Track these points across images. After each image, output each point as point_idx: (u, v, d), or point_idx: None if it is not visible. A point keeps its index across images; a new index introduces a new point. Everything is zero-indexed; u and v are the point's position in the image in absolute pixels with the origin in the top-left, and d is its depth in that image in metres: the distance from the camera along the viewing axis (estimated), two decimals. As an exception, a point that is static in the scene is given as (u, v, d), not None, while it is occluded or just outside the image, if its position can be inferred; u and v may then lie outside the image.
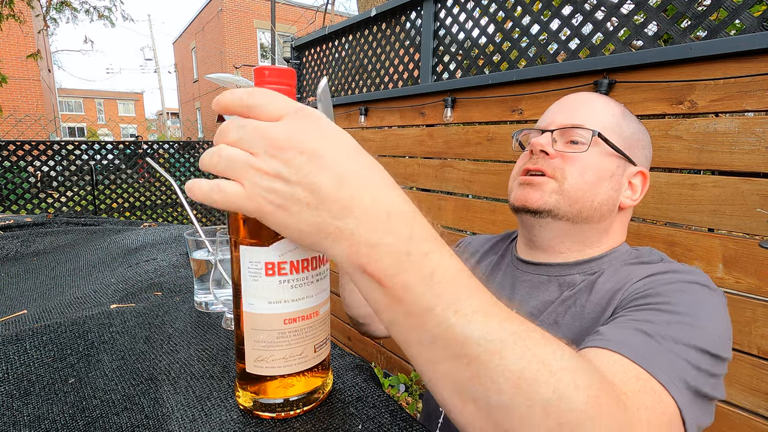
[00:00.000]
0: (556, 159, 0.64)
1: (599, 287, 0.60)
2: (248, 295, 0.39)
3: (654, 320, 0.47)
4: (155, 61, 23.25)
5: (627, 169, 0.65)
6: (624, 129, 0.65)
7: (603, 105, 0.66)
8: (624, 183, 0.65)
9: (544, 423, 0.28)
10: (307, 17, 9.26)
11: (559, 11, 1.36)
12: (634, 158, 0.65)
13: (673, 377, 0.42)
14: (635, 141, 0.66)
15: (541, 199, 0.63)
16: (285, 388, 0.41)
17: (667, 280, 0.54)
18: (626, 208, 0.66)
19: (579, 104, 0.66)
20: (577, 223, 0.64)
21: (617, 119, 0.65)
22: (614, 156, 0.64)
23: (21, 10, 6.10)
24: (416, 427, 0.42)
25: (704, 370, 0.45)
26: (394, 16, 2.02)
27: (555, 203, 0.63)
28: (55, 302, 0.74)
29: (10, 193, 4.56)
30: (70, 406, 0.44)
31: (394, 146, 2.04)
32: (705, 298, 0.52)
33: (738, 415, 0.99)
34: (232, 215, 0.39)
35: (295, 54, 2.82)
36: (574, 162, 0.63)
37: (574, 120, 0.64)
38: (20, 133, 9.05)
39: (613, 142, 0.63)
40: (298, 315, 0.41)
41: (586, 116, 0.64)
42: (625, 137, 0.65)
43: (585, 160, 0.63)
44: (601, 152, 0.63)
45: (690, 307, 0.49)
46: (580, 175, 0.62)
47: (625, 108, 0.68)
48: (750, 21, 0.97)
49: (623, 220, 0.68)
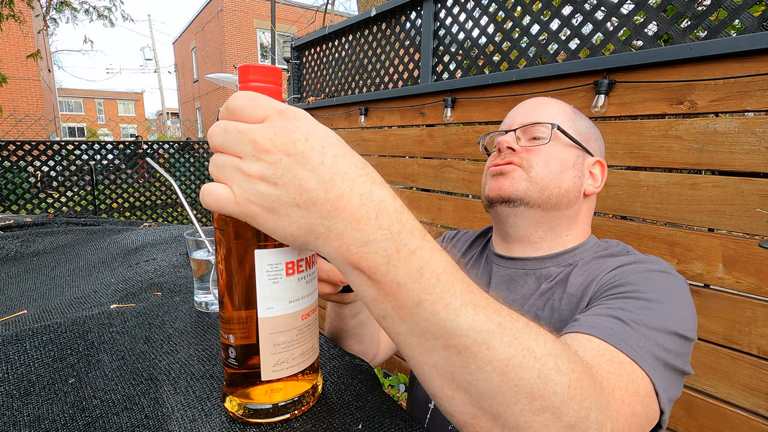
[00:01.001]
0: (522, 152, 0.69)
1: (573, 280, 0.64)
2: (267, 300, 0.38)
3: (626, 307, 0.51)
4: (155, 61, 23.24)
5: (586, 159, 0.72)
6: (577, 124, 0.72)
7: (556, 105, 0.73)
8: (585, 172, 0.71)
9: (530, 406, 0.29)
10: (307, 17, 9.26)
11: (559, 11, 1.36)
12: (591, 149, 0.72)
13: (645, 356, 0.45)
14: (588, 135, 0.73)
15: (512, 185, 0.68)
16: (275, 393, 0.41)
17: (635, 270, 0.58)
18: (590, 195, 0.72)
19: (535, 106, 0.73)
20: (547, 209, 0.68)
21: (570, 116, 0.72)
22: (573, 147, 0.70)
23: (21, 10, 6.10)
24: (416, 427, 0.42)
25: (673, 349, 0.49)
26: (394, 16, 2.02)
27: (525, 189, 0.67)
28: (55, 302, 0.74)
29: (10, 193, 4.56)
30: (70, 406, 0.44)
31: (394, 146, 2.04)
32: (670, 284, 0.57)
33: (738, 415, 0.99)
34: (242, 224, 0.37)
35: (295, 54, 2.82)
36: (538, 153, 0.68)
37: (534, 119, 0.71)
38: (20, 133, 9.04)
39: (572, 135, 0.70)
40: (311, 309, 0.42)
41: (543, 114, 0.71)
42: (580, 131, 0.72)
43: (548, 151, 0.68)
44: (561, 144, 0.69)
45: (657, 293, 0.53)
46: (545, 164, 0.68)
47: (576, 108, 0.75)
48: (750, 21, 0.97)
49: (589, 209, 0.74)
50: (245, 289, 0.38)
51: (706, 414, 1.04)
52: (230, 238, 0.38)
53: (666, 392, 0.46)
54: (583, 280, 0.62)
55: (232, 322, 0.40)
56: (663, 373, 0.46)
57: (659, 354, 0.47)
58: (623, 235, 1.18)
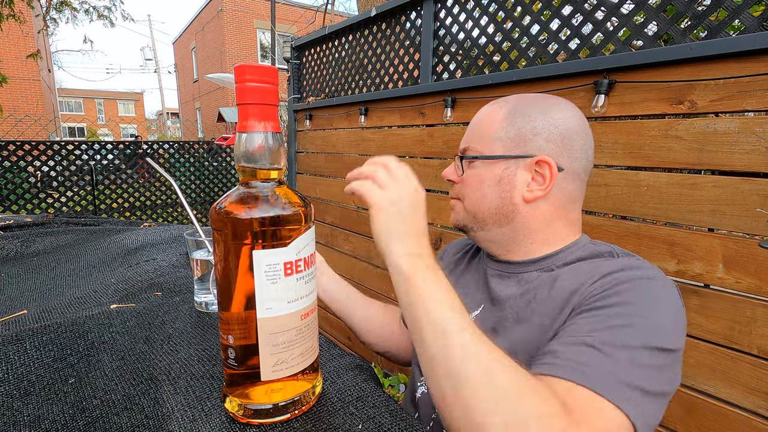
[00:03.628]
0: (459, 183, 0.74)
1: (560, 284, 0.62)
2: (266, 300, 0.38)
3: (600, 327, 0.51)
4: (155, 61, 23.24)
5: (520, 164, 0.67)
6: (507, 129, 0.69)
7: (487, 118, 0.71)
8: (520, 179, 0.68)
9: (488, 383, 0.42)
10: (307, 17, 9.26)
11: (559, 11, 1.36)
12: (526, 151, 0.67)
13: (617, 387, 0.45)
14: (526, 133, 0.67)
15: (456, 218, 0.76)
16: (274, 393, 0.41)
17: (618, 279, 0.56)
18: (533, 201, 0.67)
19: (471, 126, 0.74)
20: (490, 229, 0.71)
21: (496, 126, 0.70)
22: (499, 161, 0.69)
23: (21, 10, 6.10)
24: (416, 427, 0.42)
25: (654, 366, 0.48)
26: (394, 16, 2.02)
27: (464, 219, 0.74)
28: (55, 302, 0.74)
29: (10, 193, 4.56)
30: (70, 406, 0.44)
31: (394, 146, 2.04)
32: (654, 291, 0.55)
33: (738, 415, 0.99)
34: (240, 223, 0.37)
35: (295, 54, 2.82)
36: (465, 183, 0.73)
37: (464, 144, 0.74)
38: (20, 133, 9.03)
39: (493, 150, 0.69)
40: (311, 309, 0.42)
41: (471, 137, 0.73)
42: (511, 136, 0.68)
43: (471, 179, 0.72)
44: (485, 165, 0.70)
45: (639, 305, 0.52)
46: (471, 192, 0.72)
47: (529, 98, 0.71)
48: (750, 21, 0.97)
49: (545, 213, 0.68)
50: (244, 289, 0.38)
51: (706, 414, 1.04)
52: (228, 239, 0.38)
53: (644, 420, 0.45)
54: (568, 285, 0.61)
55: (231, 323, 0.40)
56: (639, 402, 0.45)
57: (635, 380, 0.46)
58: (623, 235, 1.18)
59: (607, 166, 1.22)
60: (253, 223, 0.38)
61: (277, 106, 0.40)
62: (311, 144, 2.72)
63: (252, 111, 0.38)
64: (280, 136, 0.41)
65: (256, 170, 0.40)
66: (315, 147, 2.68)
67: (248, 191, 0.40)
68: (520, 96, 0.72)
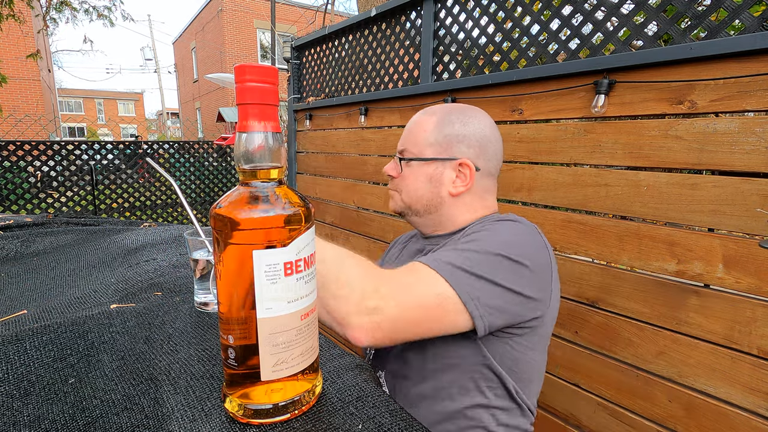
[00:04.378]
0: (397, 177, 0.89)
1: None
2: (265, 300, 0.38)
3: (458, 247, 0.71)
4: (155, 61, 23.24)
5: (447, 165, 0.84)
6: (437, 136, 0.84)
7: (420, 126, 0.86)
8: (447, 177, 0.84)
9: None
10: (307, 17, 9.26)
11: (559, 11, 1.36)
12: (452, 154, 0.84)
13: (443, 265, 0.66)
14: (451, 140, 0.83)
15: (395, 205, 0.92)
16: (274, 393, 0.41)
17: (479, 224, 0.80)
18: (457, 195, 0.85)
19: (407, 129, 0.89)
20: (422, 216, 0.88)
21: (428, 134, 0.85)
22: (430, 163, 0.84)
23: (21, 10, 6.10)
24: (416, 427, 0.42)
25: (486, 263, 0.66)
26: (394, 16, 2.02)
27: (401, 207, 0.90)
28: (55, 302, 0.74)
29: (10, 193, 4.56)
30: (70, 406, 0.44)
31: (394, 146, 2.04)
32: (504, 226, 0.75)
33: (738, 415, 0.99)
34: (240, 223, 0.37)
35: (295, 54, 2.82)
36: (403, 178, 0.88)
37: (401, 145, 0.89)
38: (20, 133, 9.03)
39: (425, 153, 0.84)
40: (311, 309, 0.42)
41: (407, 140, 0.88)
42: (440, 142, 0.84)
43: (407, 177, 0.87)
44: (419, 165, 0.85)
45: (485, 233, 0.73)
46: (407, 186, 0.87)
47: (453, 110, 0.86)
48: (750, 21, 0.97)
49: (468, 203, 0.86)
50: (244, 289, 0.38)
51: (706, 414, 1.04)
52: (228, 239, 0.38)
53: (469, 294, 0.63)
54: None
55: (231, 323, 0.40)
56: (462, 277, 0.64)
57: (463, 264, 0.65)
58: (623, 235, 1.18)
59: (607, 166, 1.22)
60: (255, 225, 0.38)
61: (277, 106, 0.40)
62: (311, 144, 2.72)
63: (252, 111, 0.38)
64: (280, 136, 0.41)
65: (256, 170, 0.40)
66: (315, 147, 2.68)
67: (248, 191, 0.40)
68: (445, 106, 0.87)
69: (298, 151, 2.87)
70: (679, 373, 1.09)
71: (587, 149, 1.26)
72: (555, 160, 1.35)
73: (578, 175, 1.28)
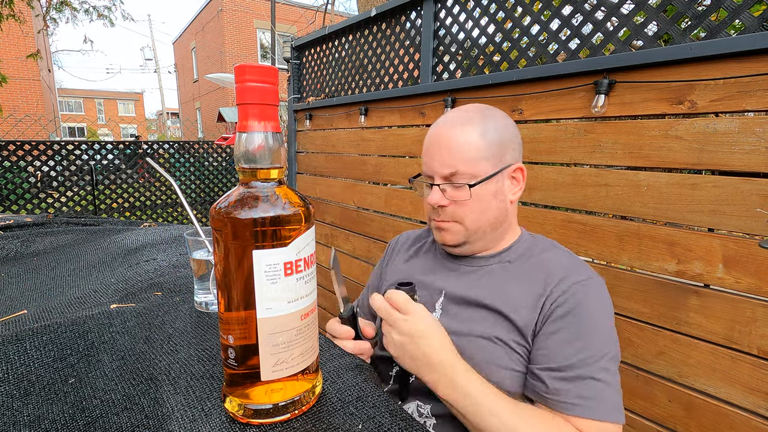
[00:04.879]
0: (450, 206, 0.79)
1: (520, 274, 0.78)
2: (266, 300, 0.38)
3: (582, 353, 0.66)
4: (155, 61, 23.23)
5: (504, 174, 0.79)
6: (489, 145, 0.76)
7: (463, 138, 0.76)
8: (506, 186, 0.80)
9: None
10: (307, 17, 9.26)
11: (559, 11, 1.36)
12: (506, 162, 0.79)
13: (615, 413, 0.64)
14: (502, 146, 0.78)
15: (453, 238, 0.81)
16: (274, 393, 0.41)
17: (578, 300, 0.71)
18: (515, 201, 0.82)
19: (446, 148, 0.78)
20: (485, 237, 0.81)
21: (478, 144, 0.76)
22: (491, 179, 0.77)
23: (21, 10, 6.10)
24: (416, 427, 0.42)
25: (616, 370, 0.67)
26: (394, 16, 2.02)
27: (465, 237, 0.80)
28: (55, 302, 0.74)
29: (10, 193, 4.56)
30: (70, 406, 0.44)
31: (394, 146, 2.04)
32: (602, 295, 0.73)
33: (738, 415, 0.99)
34: (240, 223, 0.37)
35: (295, 54, 2.82)
36: (463, 205, 0.78)
37: (449, 168, 0.77)
38: (20, 133, 9.04)
39: (484, 170, 0.76)
40: (311, 309, 0.42)
41: (455, 161, 0.76)
42: (493, 152, 0.77)
43: (471, 202, 0.77)
44: (481, 186, 0.77)
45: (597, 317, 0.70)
46: (472, 213, 0.78)
47: (483, 115, 0.78)
48: (750, 21, 0.97)
49: (515, 210, 0.85)
50: (244, 289, 0.38)
51: (706, 414, 1.04)
52: (228, 239, 0.38)
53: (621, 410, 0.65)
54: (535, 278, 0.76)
55: (231, 323, 0.40)
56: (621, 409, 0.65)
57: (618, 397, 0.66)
58: (623, 235, 1.18)
59: (607, 166, 1.22)
60: (253, 223, 0.37)
61: (277, 106, 0.40)
62: (311, 144, 2.72)
63: (252, 111, 0.38)
64: (280, 136, 0.41)
65: (256, 170, 0.40)
66: (315, 147, 2.68)
67: (248, 191, 0.40)
68: (464, 113, 0.79)
69: (298, 151, 2.87)
70: (679, 373, 1.09)
71: (587, 149, 1.26)
72: (555, 160, 1.35)
73: (578, 175, 1.28)
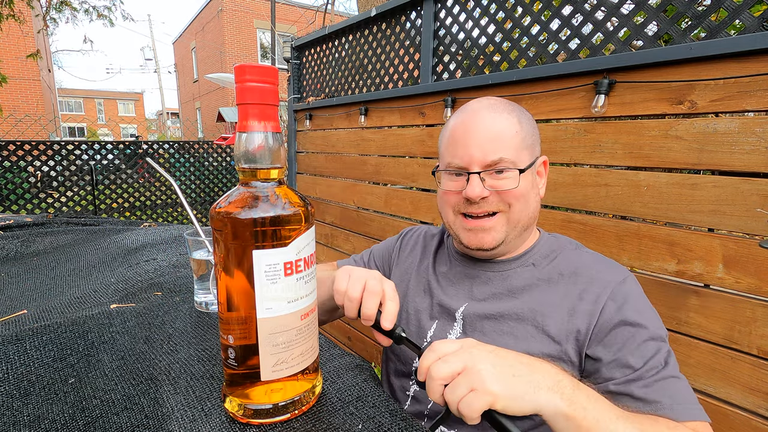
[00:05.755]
0: (491, 195, 0.70)
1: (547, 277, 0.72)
2: (266, 300, 0.38)
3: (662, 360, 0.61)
4: (155, 61, 23.23)
5: (536, 167, 0.74)
6: (526, 136, 0.71)
7: (506, 124, 0.70)
8: (538, 180, 0.76)
9: None
10: (307, 17, 9.26)
11: (559, 11, 1.36)
12: (537, 153, 0.74)
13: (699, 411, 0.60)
14: (534, 136, 0.74)
15: (494, 239, 0.72)
16: (274, 393, 0.41)
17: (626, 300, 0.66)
18: (542, 195, 0.77)
19: (486, 134, 0.70)
20: (520, 234, 0.74)
21: (518, 133, 0.70)
22: (530, 169, 0.71)
23: (21, 10, 6.10)
24: (416, 427, 0.42)
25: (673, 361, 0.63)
26: (394, 16, 2.02)
27: (506, 234, 0.72)
28: (55, 302, 0.74)
29: (10, 193, 4.56)
30: (70, 406, 0.44)
31: (394, 146, 2.04)
32: (648, 304, 0.68)
33: (738, 415, 0.99)
34: (240, 223, 0.38)
35: (295, 54, 2.82)
36: (509, 195, 0.70)
37: (492, 155, 0.69)
38: (20, 133, 9.04)
39: (525, 158, 0.71)
40: (311, 309, 0.42)
41: (500, 147, 0.69)
42: (529, 142, 0.72)
43: (519, 191, 0.70)
44: (524, 176, 0.70)
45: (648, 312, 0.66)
46: (518, 202, 0.71)
47: (516, 107, 0.74)
48: (750, 21, 0.97)
49: None
50: (244, 289, 0.38)
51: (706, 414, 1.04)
52: (228, 239, 0.38)
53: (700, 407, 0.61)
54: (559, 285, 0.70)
55: (231, 323, 0.39)
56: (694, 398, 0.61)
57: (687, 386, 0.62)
58: (623, 235, 1.18)
59: (607, 166, 1.22)
60: (253, 223, 0.37)
61: (277, 106, 0.40)
62: (311, 144, 2.72)
63: (252, 111, 0.38)
64: (280, 136, 0.41)
65: (256, 170, 0.40)
66: (315, 147, 2.68)
67: (248, 191, 0.40)
68: (505, 102, 0.74)
69: (298, 151, 2.87)
70: (679, 373, 1.09)
71: (587, 149, 1.26)
72: (555, 160, 1.35)
73: (578, 175, 1.28)
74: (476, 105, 0.74)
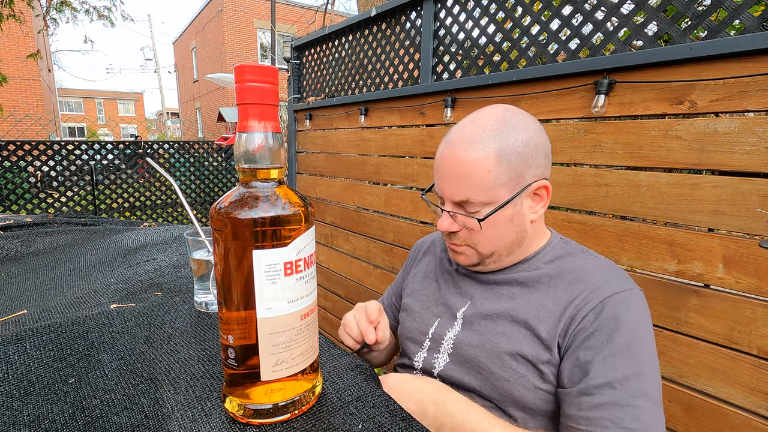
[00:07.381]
0: (462, 231, 0.73)
1: (547, 281, 0.72)
2: (266, 300, 0.38)
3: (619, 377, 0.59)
4: (155, 61, 23.24)
5: (523, 196, 0.70)
6: (506, 168, 0.67)
7: (474, 164, 0.67)
8: (525, 207, 0.72)
9: None
10: (307, 17, 9.26)
11: (559, 11, 1.36)
12: (527, 181, 0.69)
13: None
14: (522, 165, 0.68)
15: (468, 260, 0.76)
16: (274, 393, 0.41)
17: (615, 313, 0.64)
18: (537, 220, 0.74)
19: (455, 174, 0.69)
20: (505, 257, 0.75)
21: (493, 174, 0.67)
22: (508, 205, 0.69)
23: (21, 10, 6.10)
24: (416, 427, 0.42)
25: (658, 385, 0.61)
26: (394, 16, 2.02)
27: (479, 259, 0.75)
28: (55, 302, 0.74)
29: (10, 193, 4.56)
30: (70, 406, 0.44)
31: (394, 146, 2.04)
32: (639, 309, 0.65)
33: (738, 415, 0.99)
34: (240, 223, 0.38)
35: (295, 54, 2.82)
36: (474, 234, 0.72)
37: (459, 196, 0.69)
38: (20, 133, 9.04)
39: (499, 197, 0.68)
40: (311, 309, 0.42)
41: (466, 188, 0.68)
42: (510, 175, 0.68)
43: (483, 231, 0.71)
44: (495, 214, 0.69)
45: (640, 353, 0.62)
46: (486, 239, 0.72)
47: (501, 129, 0.68)
48: (750, 21, 0.97)
49: (537, 226, 0.76)
50: (244, 289, 0.38)
51: (706, 414, 1.04)
52: (228, 239, 0.38)
53: None
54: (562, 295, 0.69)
55: (231, 323, 0.40)
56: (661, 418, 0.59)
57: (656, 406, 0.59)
58: (623, 235, 1.18)
59: (607, 166, 1.22)
60: (253, 223, 0.37)
61: (277, 106, 0.40)
62: (311, 144, 2.72)
63: (252, 111, 0.38)
64: (280, 136, 0.41)
65: (256, 170, 0.40)
66: (315, 147, 2.68)
67: (248, 191, 0.40)
68: (493, 127, 0.68)
69: (298, 151, 2.87)
70: (678, 373, 1.09)
71: (587, 149, 1.27)
72: (555, 160, 1.35)
73: (578, 175, 1.28)
74: (457, 135, 0.70)
